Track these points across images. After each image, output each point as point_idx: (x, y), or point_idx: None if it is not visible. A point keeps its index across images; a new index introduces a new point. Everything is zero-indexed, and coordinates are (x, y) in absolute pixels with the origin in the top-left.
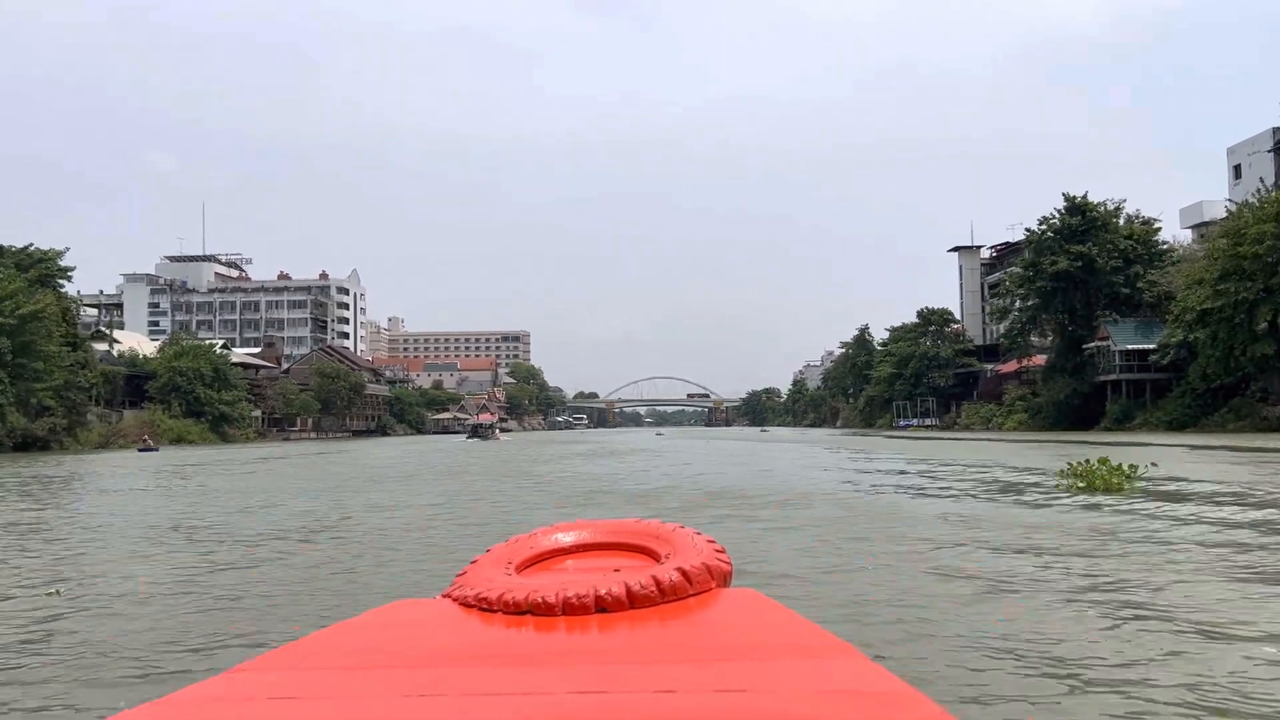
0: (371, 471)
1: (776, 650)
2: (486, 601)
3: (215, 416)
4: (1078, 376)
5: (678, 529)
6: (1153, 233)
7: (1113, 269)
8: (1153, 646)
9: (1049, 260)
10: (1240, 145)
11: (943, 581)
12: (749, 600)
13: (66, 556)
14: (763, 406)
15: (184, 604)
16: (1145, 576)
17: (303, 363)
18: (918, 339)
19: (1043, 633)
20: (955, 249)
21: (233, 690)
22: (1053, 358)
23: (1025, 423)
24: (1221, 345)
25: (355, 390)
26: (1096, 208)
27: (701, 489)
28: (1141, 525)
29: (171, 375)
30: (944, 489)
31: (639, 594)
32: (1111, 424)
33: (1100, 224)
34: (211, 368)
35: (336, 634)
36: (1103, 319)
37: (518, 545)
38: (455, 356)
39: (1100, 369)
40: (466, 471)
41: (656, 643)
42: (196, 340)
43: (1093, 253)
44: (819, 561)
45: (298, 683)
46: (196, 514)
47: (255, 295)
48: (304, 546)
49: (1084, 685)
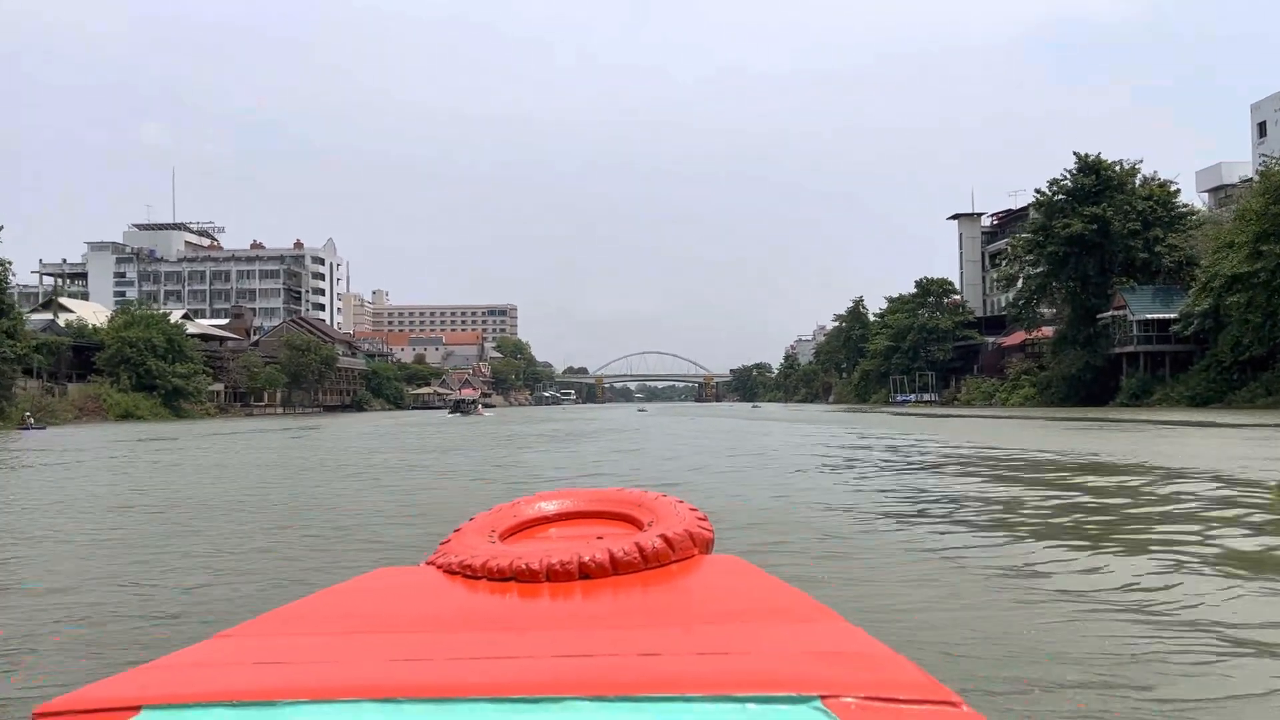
0: (295, 460)
1: (759, 614)
2: (470, 568)
3: (168, 391)
4: (1090, 348)
5: (660, 497)
6: (1172, 194)
7: (1130, 232)
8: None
9: (1061, 223)
10: (1266, 101)
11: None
12: (732, 566)
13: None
14: (754, 382)
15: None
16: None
17: (272, 335)
18: (916, 310)
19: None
20: (955, 216)
21: (218, 655)
22: (1063, 328)
23: (1033, 398)
24: (1259, 312)
25: (327, 364)
26: (1111, 167)
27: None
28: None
29: (120, 346)
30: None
31: (622, 560)
32: (1127, 399)
33: (1116, 184)
34: (164, 338)
35: (321, 600)
36: (1119, 286)
37: (501, 513)
38: (440, 331)
39: (1115, 340)
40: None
41: (640, 607)
42: (149, 309)
43: (1108, 214)
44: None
45: (283, 648)
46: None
47: (226, 265)
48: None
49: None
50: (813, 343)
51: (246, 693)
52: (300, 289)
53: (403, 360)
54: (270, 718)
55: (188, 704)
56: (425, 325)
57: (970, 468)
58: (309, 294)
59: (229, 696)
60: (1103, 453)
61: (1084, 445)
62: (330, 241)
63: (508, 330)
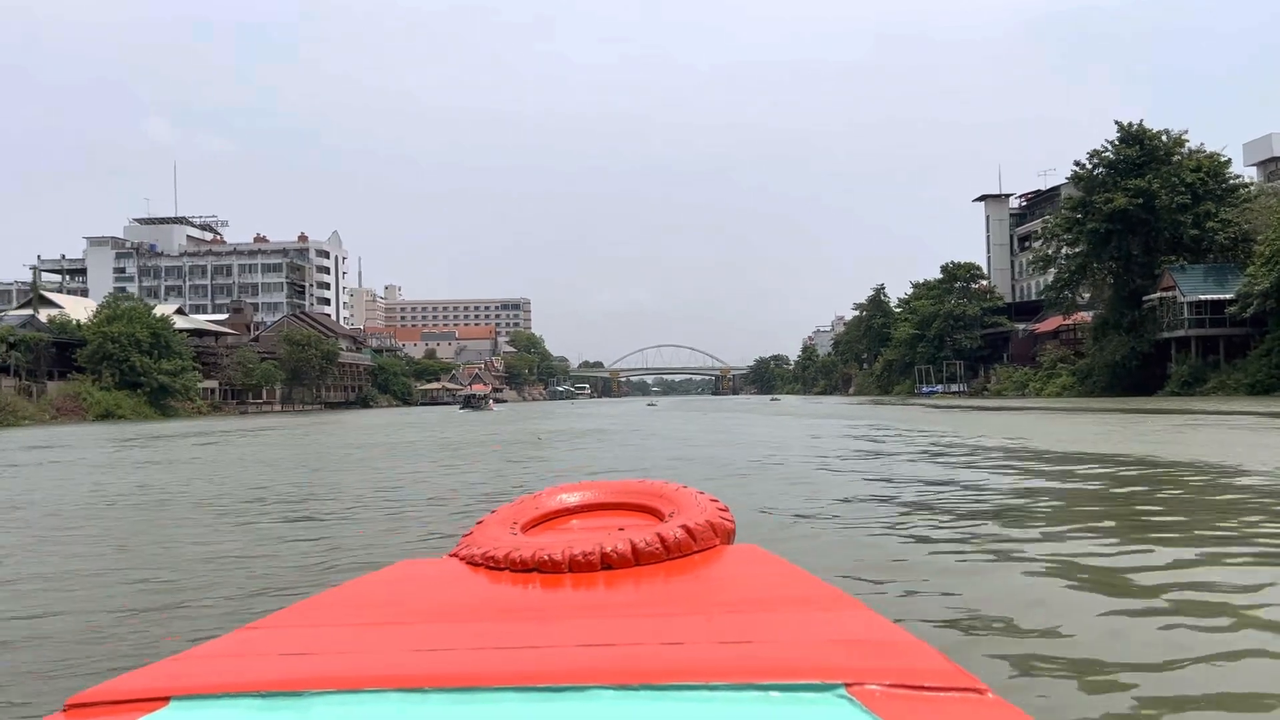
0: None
1: (782, 602)
2: (493, 560)
3: (154, 388)
4: (1135, 333)
5: (681, 488)
6: (1223, 165)
7: (1178, 206)
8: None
9: (1102, 198)
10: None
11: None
12: (753, 555)
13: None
14: (771, 374)
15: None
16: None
17: (272, 330)
18: (942, 297)
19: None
20: (981, 198)
21: (245, 647)
22: (1105, 312)
23: (1070, 388)
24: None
25: (328, 359)
26: (1157, 137)
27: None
28: None
29: (102, 342)
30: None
31: (644, 551)
32: (1178, 388)
33: (1162, 155)
34: (150, 333)
35: (345, 592)
36: (1167, 265)
37: (523, 505)
38: (454, 325)
39: (1163, 324)
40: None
41: (662, 597)
42: (136, 302)
43: (1154, 187)
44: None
45: (309, 639)
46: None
47: (228, 259)
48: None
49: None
50: (831, 333)
51: (273, 683)
52: (304, 283)
53: (413, 355)
54: (297, 708)
55: (215, 694)
56: (439, 320)
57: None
58: (313, 288)
59: (256, 687)
60: (1200, 459)
61: (1174, 446)
62: (335, 234)
63: (522, 324)
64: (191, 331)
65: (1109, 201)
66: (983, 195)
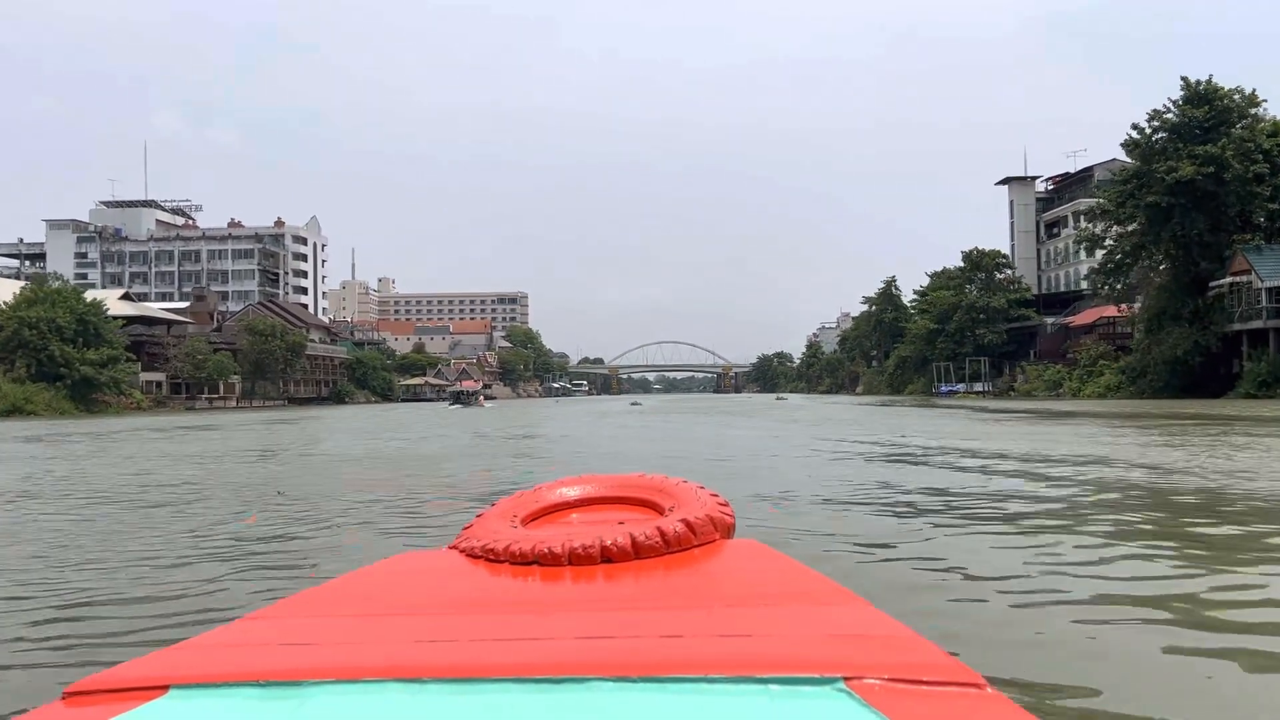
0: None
1: (781, 596)
2: (493, 552)
3: (76, 380)
4: (1199, 325)
5: (681, 483)
6: None
7: (1255, 177)
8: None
9: (1165, 167)
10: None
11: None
12: (752, 550)
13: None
14: (774, 372)
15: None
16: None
17: (235, 319)
18: (963, 287)
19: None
20: (1005, 180)
21: (244, 636)
22: (1160, 301)
23: (1119, 388)
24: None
25: (294, 351)
26: (1230, 95)
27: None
28: None
29: (17, 328)
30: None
31: (644, 544)
32: (1253, 388)
33: (1236, 117)
34: (74, 319)
35: (347, 583)
36: (1240, 245)
37: (523, 499)
38: (448, 319)
39: (1235, 314)
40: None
41: (662, 590)
42: (61, 285)
43: (1226, 154)
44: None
45: (309, 629)
46: None
47: (196, 244)
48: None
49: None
50: (836, 330)
51: (272, 673)
52: (278, 271)
53: (404, 349)
54: (296, 697)
55: (215, 684)
56: (433, 314)
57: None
58: (288, 276)
59: (255, 676)
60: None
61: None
62: (314, 220)
63: (519, 319)
64: (138, 319)
65: (1172, 171)
66: (1007, 178)
